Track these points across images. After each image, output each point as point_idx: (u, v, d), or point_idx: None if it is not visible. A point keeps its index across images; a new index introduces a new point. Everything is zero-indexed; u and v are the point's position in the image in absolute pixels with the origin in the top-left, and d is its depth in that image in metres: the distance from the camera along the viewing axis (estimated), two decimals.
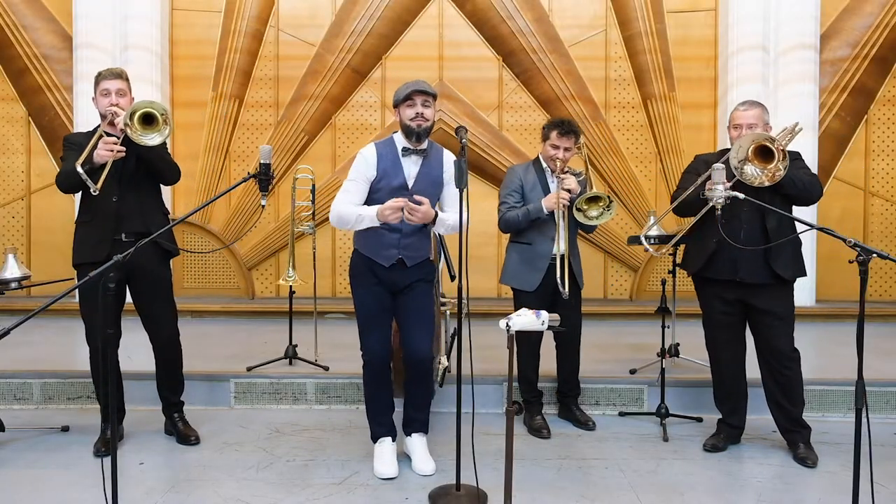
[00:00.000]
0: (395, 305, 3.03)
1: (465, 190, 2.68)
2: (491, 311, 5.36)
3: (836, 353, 4.69)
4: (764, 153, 2.92)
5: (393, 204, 2.77)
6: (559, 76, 6.33)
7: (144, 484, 2.88)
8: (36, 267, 6.07)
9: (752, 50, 5.86)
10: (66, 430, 3.47)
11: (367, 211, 2.86)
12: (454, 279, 3.53)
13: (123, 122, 2.93)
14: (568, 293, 3.37)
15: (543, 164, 3.56)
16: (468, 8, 6.41)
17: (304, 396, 3.94)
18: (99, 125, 3.18)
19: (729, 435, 3.33)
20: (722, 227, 2.91)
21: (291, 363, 4.19)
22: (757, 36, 5.86)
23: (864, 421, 2.21)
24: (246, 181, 2.94)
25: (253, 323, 5.72)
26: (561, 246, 3.43)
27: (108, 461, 2.29)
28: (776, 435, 3.37)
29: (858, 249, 2.28)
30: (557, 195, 3.36)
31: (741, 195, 2.79)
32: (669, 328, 4.01)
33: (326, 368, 4.04)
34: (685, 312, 4.43)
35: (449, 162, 3.04)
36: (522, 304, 3.36)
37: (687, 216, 3.29)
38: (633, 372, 4.02)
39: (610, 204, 3.35)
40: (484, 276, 6.22)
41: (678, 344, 4.31)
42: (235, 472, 3.01)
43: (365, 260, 2.98)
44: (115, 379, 3.20)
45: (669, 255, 4.25)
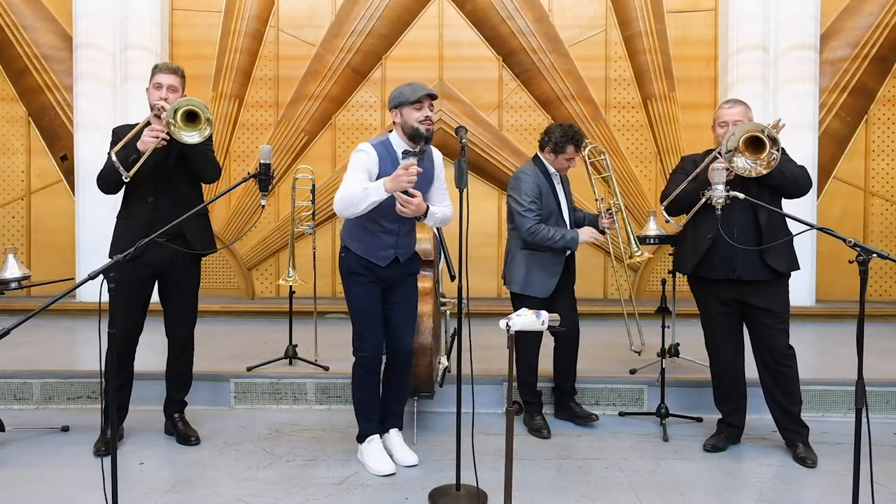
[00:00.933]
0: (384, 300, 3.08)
1: (465, 190, 2.68)
2: (491, 311, 5.35)
3: (836, 353, 4.69)
4: (754, 144, 2.93)
5: (403, 171, 2.71)
6: (559, 76, 6.33)
7: (144, 484, 2.88)
8: (36, 267, 6.06)
9: (752, 50, 5.86)
10: (66, 430, 3.47)
11: (373, 185, 2.80)
12: (454, 279, 3.54)
13: (168, 117, 2.93)
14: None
15: (550, 168, 3.56)
16: (468, 8, 6.41)
17: (304, 396, 3.94)
18: (146, 118, 3.20)
19: (729, 435, 3.33)
20: (720, 225, 2.91)
21: (291, 363, 4.19)
22: (757, 36, 5.86)
23: (864, 421, 2.21)
24: (246, 181, 2.94)
25: (253, 323, 5.72)
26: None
27: (108, 461, 2.29)
28: (776, 435, 3.37)
29: (858, 249, 2.28)
30: (592, 233, 3.57)
31: (741, 195, 2.80)
32: (669, 328, 4.01)
33: (326, 368, 4.04)
34: (685, 312, 4.43)
35: (439, 159, 3.12)
36: (528, 308, 3.36)
37: (677, 214, 3.30)
38: (633, 372, 4.02)
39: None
40: (484, 276, 6.22)
41: (678, 344, 4.31)
42: (235, 472, 3.01)
43: (360, 259, 2.99)
44: (121, 378, 3.20)
45: (670, 255, 4.24)
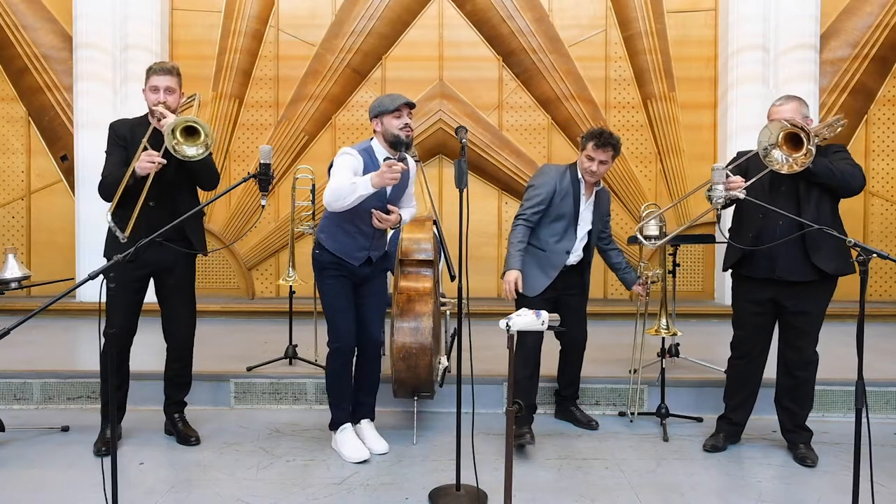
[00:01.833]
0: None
1: (465, 190, 2.69)
2: (491, 311, 5.36)
3: (836, 353, 4.68)
4: (794, 141, 2.84)
5: (388, 169, 2.83)
6: (559, 76, 6.33)
7: (144, 484, 2.88)
8: (36, 267, 6.06)
9: (752, 50, 5.86)
10: (66, 430, 3.47)
11: (361, 179, 2.91)
12: (454, 279, 3.53)
13: (167, 137, 2.91)
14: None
15: (579, 173, 3.42)
16: (468, 8, 6.41)
17: (304, 396, 3.94)
18: (146, 115, 3.20)
19: (729, 433, 3.32)
20: (763, 222, 2.85)
21: (291, 363, 4.19)
22: (757, 36, 5.86)
23: (864, 421, 2.21)
24: (246, 181, 2.94)
25: (253, 323, 5.72)
26: (572, 259, 3.45)
27: (108, 461, 2.29)
28: (776, 435, 3.37)
29: (858, 249, 2.28)
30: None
31: (741, 195, 2.79)
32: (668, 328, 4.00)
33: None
34: (685, 312, 4.44)
35: (414, 167, 3.26)
36: (521, 302, 3.36)
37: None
38: (633, 372, 4.01)
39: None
40: (484, 276, 6.22)
41: (678, 344, 4.31)
42: (235, 472, 3.01)
43: (334, 256, 3.15)
44: (118, 377, 3.20)
45: (669, 254, 4.24)
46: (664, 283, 3.74)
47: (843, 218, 3.12)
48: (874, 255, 2.27)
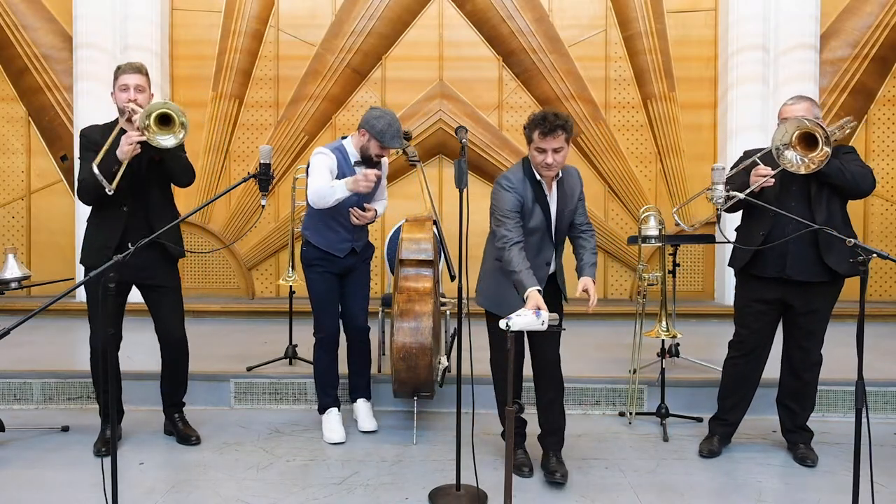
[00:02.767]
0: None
1: (465, 190, 2.68)
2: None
3: (836, 353, 4.68)
4: (808, 141, 2.83)
5: (362, 178, 3.15)
6: (559, 76, 6.33)
7: (144, 484, 2.88)
8: (36, 267, 6.05)
9: (752, 50, 5.85)
10: (66, 430, 3.47)
11: (337, 183, 3.23)
12: (454, 279, 3.53)
13: (141, 122, 2.89)
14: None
15: (535, 172, 2.88)
16: (468, 8, 6.41)
17: (304, 396, 3.94)
18: (116, 119, 3.18)
19: (723, 435, 3.30)
20: (774, 221, 2.87)
21: (291, 363, 4.19)
22: (757, 36, 5.85)
23: (864, 421, 2.21)
24: (246, 181, 2.94)
25: (253, 323, 5.72)
26: (552, 268, 3.01)
27: (108, 461, 2.29)
28: (776, 435, 3.37)
29: (858, 249, 2.28)
30: (537, 302, 2.61)
31: (741, 195, 2.79)
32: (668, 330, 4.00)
33: None
34: (685, 312, 4.44)
35: (385, 162, 3.47)
36: (497, 325, 2.86)
37: (733, 212, 3.18)
38: (633, 372, 4.01)
39: None
40: None
41: (678, 344, 4.31)
42: (235, 472, 3.02)
43: (319, 251, 3.41)
44: (114, 380, 3.20)
45: (669, 254, 4.24)
46: (664, 283, 3.73)
47: None
48: (874, 255, 2.27)
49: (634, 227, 6.33)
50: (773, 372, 3.29)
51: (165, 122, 2.93)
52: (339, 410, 3.50)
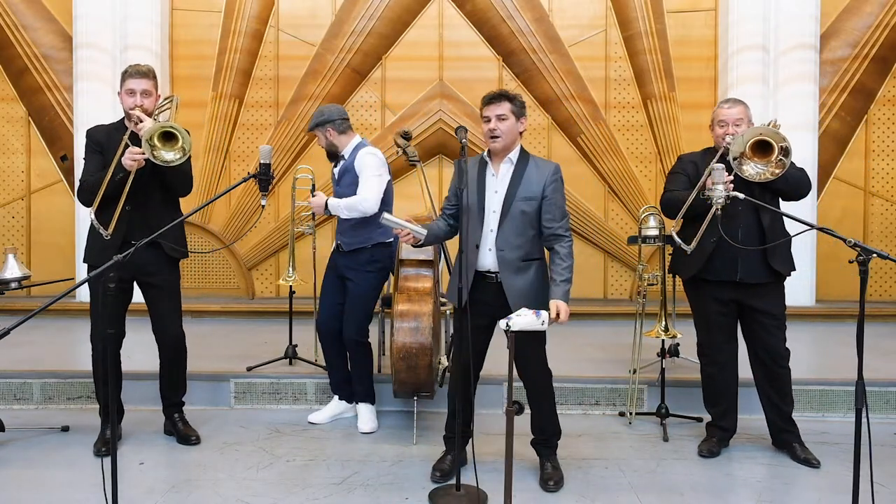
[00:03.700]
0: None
1: (465, 189, 2.69)
2: None
3: (836, 353, 4.69)
4: (761, 147, 2.91)
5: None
6: (559, 76, 6.33)
7: (144, 484, 2.88)
8: (36, 267, 6.06)
9: (752, 50, 5.85)
10: (66, 430, 3.47)
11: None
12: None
13: (145, 139, 2.91)
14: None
15: (485, 153, 2.92)
16: (468, 8, 6.41)
17: (304, 396, 3.94)
18: (122, 119, 3.19)
19: (721, 438, 3.30)
20: (724, 227, 2.90)
21: (291, 363, 4.19)
22: (757, 36, 5.86)
23: (864, 421, 2.21)
24: (246, 181, 2.94)
25: (253, 323, 5.72)
26: (487, 260, 2.81)
27: (108, 461, 2.29)
28: None
29: (858, 249, 2.27)
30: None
31: (741, 195, 2.79)
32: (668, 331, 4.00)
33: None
34: (686, 312, 4.42)
35: (361, 156, 3.51)
36: (458, 323, 2.88)
37: (681, 218, 3.23)
38: (633, 372, 4.01)
39: None
40: None
41: (678, 344, 4.31)
42: (235, 472, 3.02)
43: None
44: (115, 378, 3.20)
45: (669, 254, 4.23)
46: (664, 283, 3.72)
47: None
48: (874, 255, 2.27)
49: (634, 227, 6.32)
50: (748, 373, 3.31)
51: (169, 138, 2.95)
52: (339, 399, 3.72)
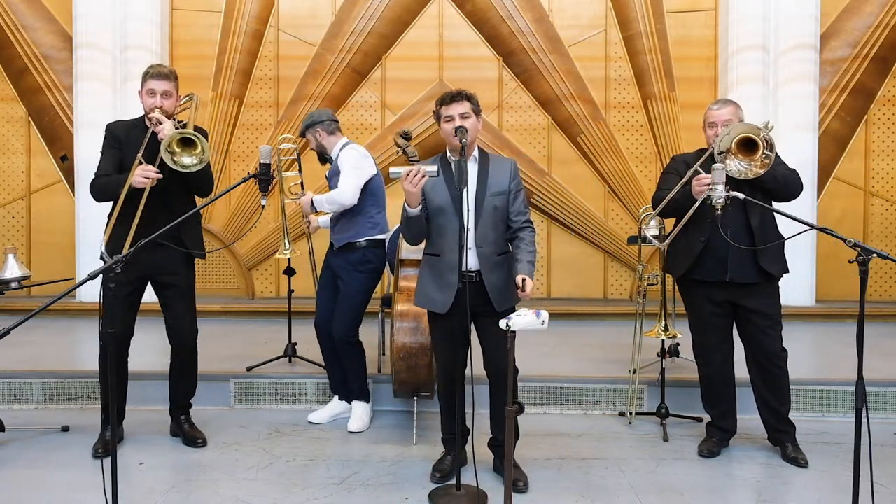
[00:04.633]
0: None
1: (465, 189, 2.69)
2: None
3: (836, 353, 4.69)
4: (747, 145, 2.91)
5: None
6: (559, 76, 6.33)
7: (144, 484, 2.88)
8: (36, 267, 6.06)
9: (752, 50, 5.85)
10: (66, 430, 3.47)
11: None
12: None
13: (164, 148, 2.92)
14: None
15: (448, 152, 2.88)
16: (468, 8, 6.41)
17: (304, 396, 3.94)
18: (142, 116, 3.20)
19: (721, 439, 3.30)
20: (712, 226, 2.90)
21: (291, 362, 4.20)
22: (757, 36, 5.86)
23: (864, 421, 2.21)
24: (246, 181, 2.94)
25: (253, 323, 5.72)
26: (470, 260, 2.76)
27: (108, 461, 2.29)
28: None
29: (858, 249, 2.28)
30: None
31: (741, 195, 2.79)
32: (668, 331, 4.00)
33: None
34: (685, 312, 4.42)
35: (341, 155, 3.59)
36: (437, 328, 2.88)
37: (671, 217, 3.25)
38: (633, 372, 4.01)
39: None
40: None
41: (678, 344, 4.31)
42: (235, 472, 3.01)
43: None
44: (117, 378, 3.19)
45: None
46: (664, 283, 3.72)
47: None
48: (874, 255, 2.27)
49: (634, 227, 6.33)
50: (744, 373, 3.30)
51: (188, 143, 2.96)
52: (339, 399, 3.73)
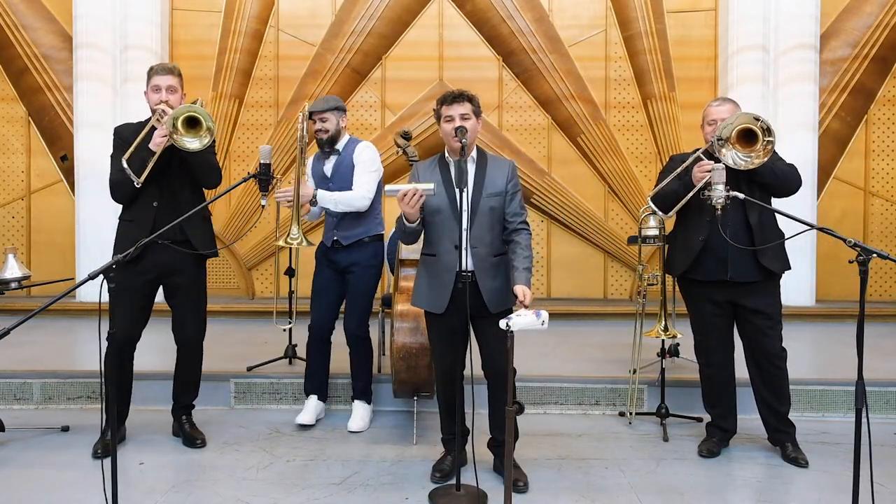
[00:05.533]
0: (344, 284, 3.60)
1: (465, 190, 2.69)
2: None
3: (836, 353, 4.69)
4: (746, 137, 2.91)
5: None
6: (559, 76, 6.33)
7: (144, 484, 2.88)
8: (36, 267, 6.06)
9: (752, 50, 5.86)
10: (66, 430, 3.47)
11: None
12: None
13: (169, 126, 2.91)
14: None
15: (446, 154, 2.87)
16: (468, 8, 6.41)
17: (303, 396, 3.92)
18: (149, 118, 3.18)
19: (721, 438, 3.30)
20: (711, 225, 2.89)
21: (291, 363, 4.19)
22: (757, 36, 5.86)
23: (864, 421, 2.21)
24: (246, 181, 2.94)
25: (253, 323, 5.72)
26: (468, 260, 2.71)
27: (108, 461, 2.29)
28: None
29: (858, 249, 2.27)
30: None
31: (741, 195, 2.79)
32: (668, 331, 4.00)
33: None
34: (685, 312, 4.42)
35: (360, 150, 3.56)
36: (434, 328, 2.88)
37: (668, 209, 3.22)
38: (633, 372, 4.01)
39: None
40: None
41: (678, 344, 4.31)
42: (235, 472, 3.01)
43: (322, 244, 3.66)
44: (118, 378, 3.18)
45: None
46: (664, 283, 3.72)
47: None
48: (874, 255, 2.27)
49: (634, 227, 6.32)
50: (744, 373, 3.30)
51: (193, 124, 2.95)
52: (318, 398, 3.66)
